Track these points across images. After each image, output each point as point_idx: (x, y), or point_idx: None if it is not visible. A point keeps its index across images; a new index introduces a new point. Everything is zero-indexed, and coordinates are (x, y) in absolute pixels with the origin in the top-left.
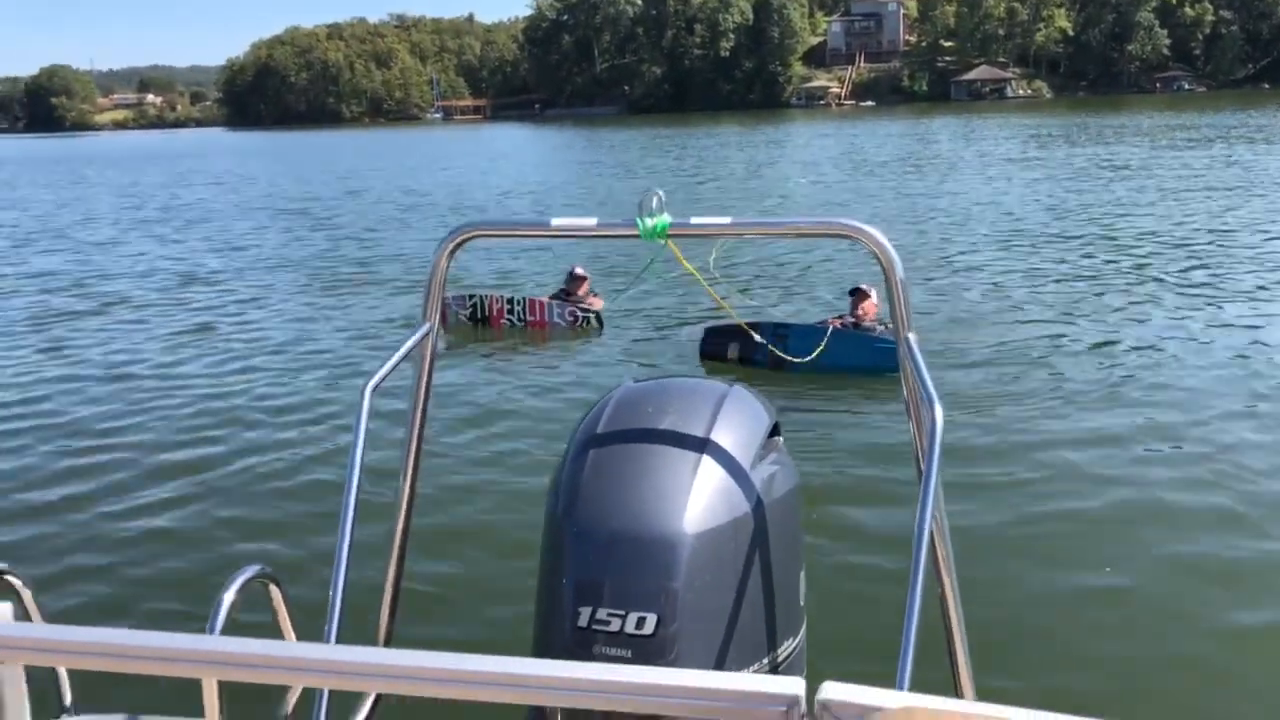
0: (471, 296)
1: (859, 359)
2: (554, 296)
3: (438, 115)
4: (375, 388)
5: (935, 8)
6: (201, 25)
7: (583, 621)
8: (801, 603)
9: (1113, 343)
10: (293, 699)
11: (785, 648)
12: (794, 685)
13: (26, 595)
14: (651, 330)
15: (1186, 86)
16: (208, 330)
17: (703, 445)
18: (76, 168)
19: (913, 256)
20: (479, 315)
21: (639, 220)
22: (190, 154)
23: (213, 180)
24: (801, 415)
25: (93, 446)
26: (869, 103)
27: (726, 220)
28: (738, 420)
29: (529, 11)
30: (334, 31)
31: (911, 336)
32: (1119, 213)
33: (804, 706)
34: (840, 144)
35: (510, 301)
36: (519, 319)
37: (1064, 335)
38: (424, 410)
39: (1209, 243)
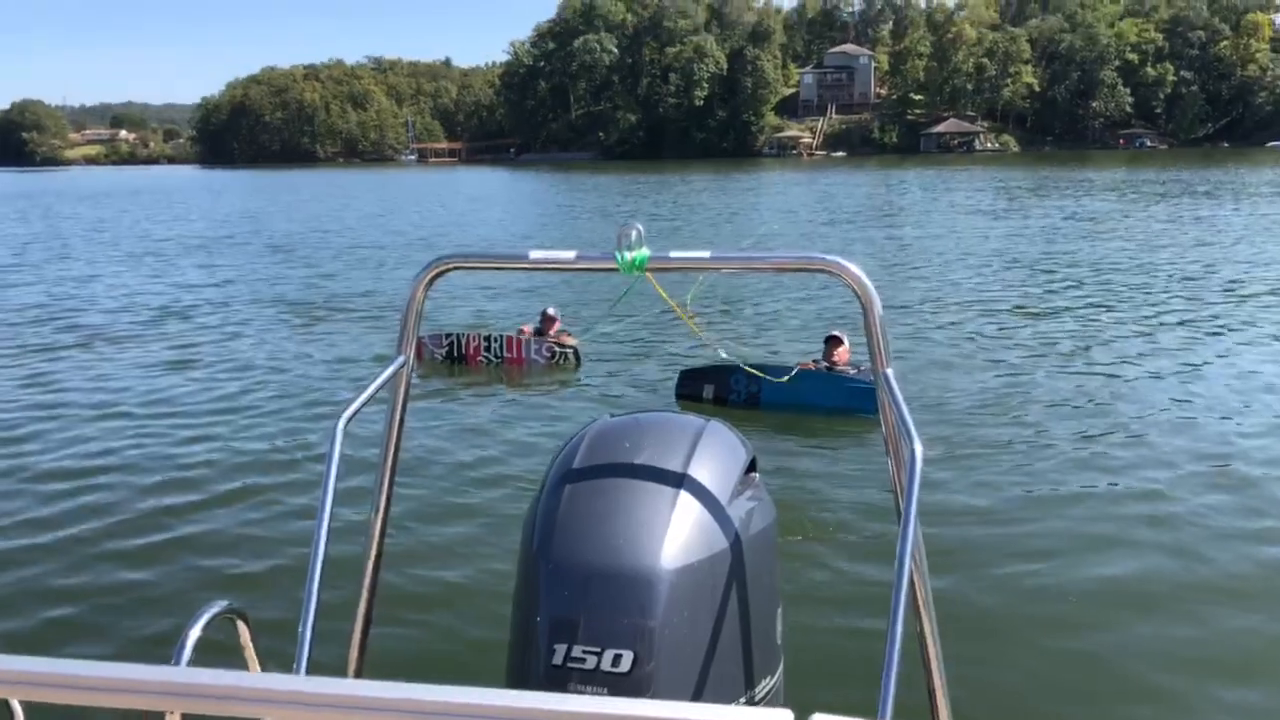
0: (449, 335)
1: (831, 399)
2: (534, 334)
3: (412, 157)
4: (349, 421)
5: (906, 62)
6: (176, 64)
7: (557, 659)
8: (779, 640)
9: (1090, 384)
10: None
11: (763, 685)
12: (783, 716)
13: None
14: (630, 366)
15: (1149, 143)
16: (180, 365)
17: (680, 481)
18: (45, 202)
19: (888, 297)
20: (455, 354)
21: (618, 254)
22: (160, 190)
23: (181, 216)
24: (777, 454)
25: (61, 478)
26: (840, 153)
27: (706, 254)
28: (715, 456)
29: (506, 57)
30: (310, 72)
31: (890, 372)
32: (1086, 261)
33: None
34: (813, 192)
35: (488, 339)
36: (496, 356)
37: (1040, 379)
38: (398, 443)
39: (1178, 291)
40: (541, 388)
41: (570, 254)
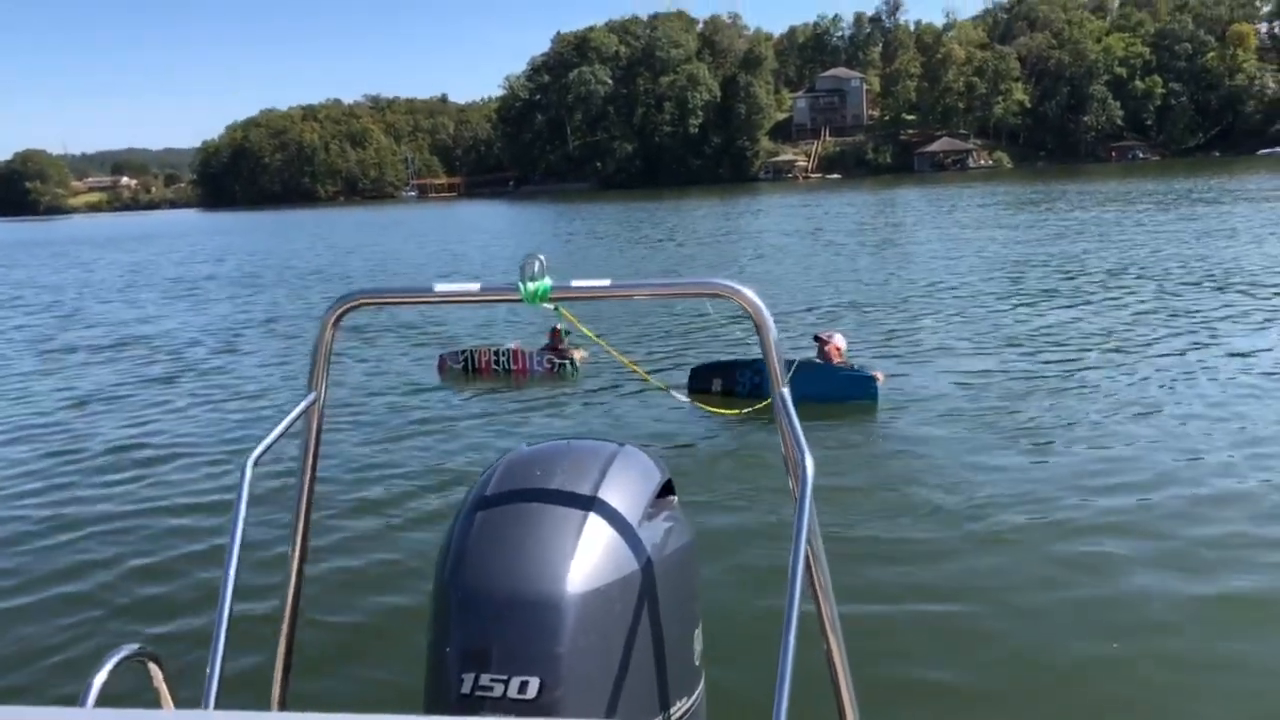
0: (464, 351)
1: (829, 388)
2: (542, 348)
3: (412, 193)
4: (258, 458)
5: (897, 83)
6: (175, 109)
7: (466, 688)
8: (697, 661)
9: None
10: None
11: (679, 706)
12: None
13: None
14: (630, 378)
15: (1141, 155)
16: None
17: (588, 505)
18: (63, 249)
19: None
20: (470, 366)
21: (521, 284)
22: (170, 234)
23: (215, 255)
24: (777, 451)
25: None
26: (835, 175)
27: (607, 282)
28: (626, 480)
29: (502, 91)
30: (309, 113)
31: (785, 391)
32: (1090, 273)
33: None
34: (813, 214)
35: (496, 353)
36: (504, 368)
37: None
38: (312, 478)
39: (1190, 298)
40: (538, 401)
41: (475, 286)
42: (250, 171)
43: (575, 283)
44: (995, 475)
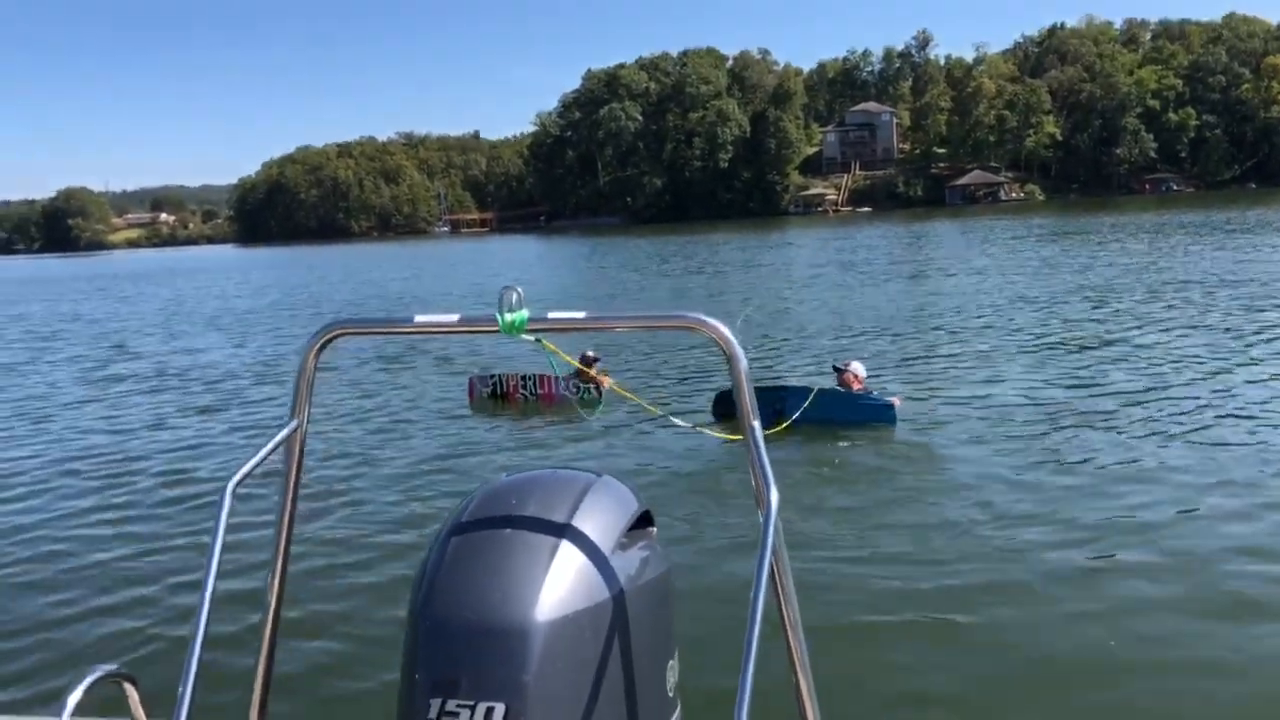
0: (492, 376)
1: (847, 414)
2: (572, 374)
3: (445, 229)
4: (238, 484)
5: (927, 116)
6: (212, 146)
7: (433, 714)
8: (670, 692)
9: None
10: None
11: None
12: None
13: None
14: (653, 404)
15: (1175, 187)
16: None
17: (561, 533)
18: (107, 283)
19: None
20: (499, 391)
21: (499, 315)
22: (209, 269)
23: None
24: (799, 473)
25: None
26: (865, 209)
27: (582, 314)
28: (600, 509)
29: (533, 128)
30: (343, 150)
31: (756, 425)
32: (1121, 303)
33: None
34: (842, 247)
35: (524, 379)
36: (532, 394)
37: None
38: (293, 506)
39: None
40: (560, 427)
41: (454, 317)
42: (286, 207)
43: (552, 314)
44: (1005, 493)
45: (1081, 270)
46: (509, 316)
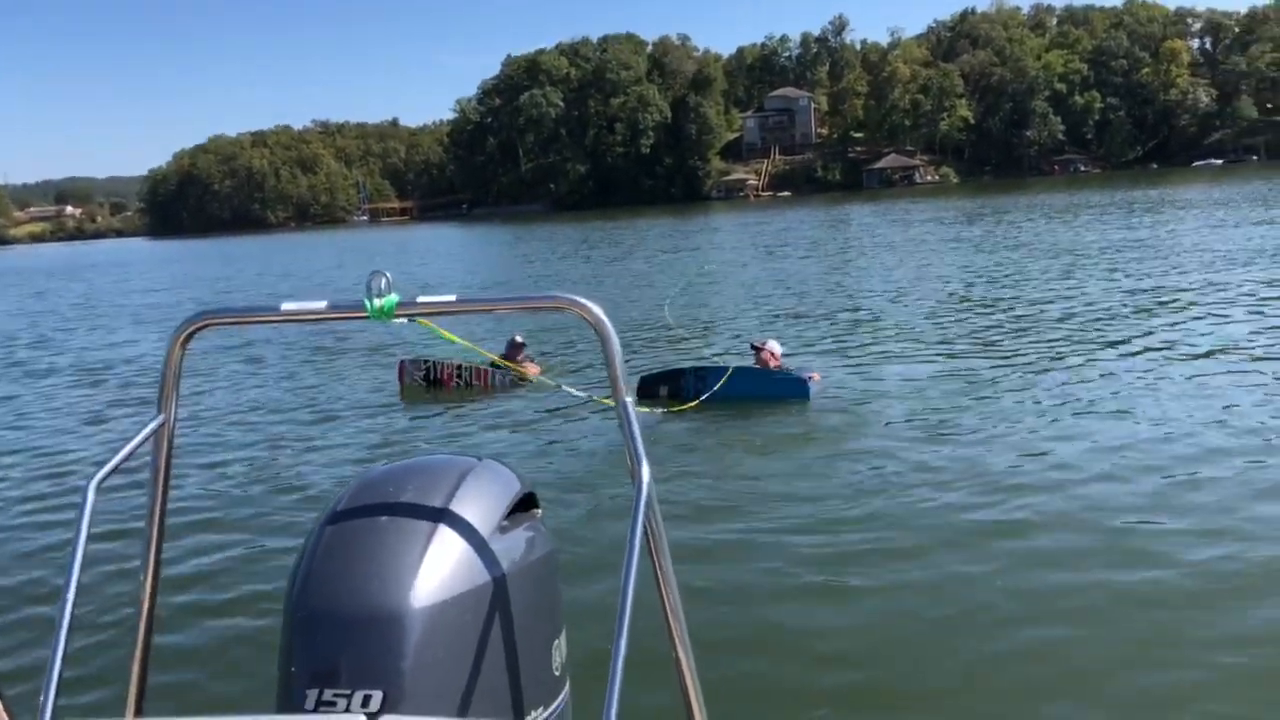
0: (426, 362)
1: (764, 390)
2: (500, 358)
3: (364, 218)
4: (102, 480)
5: (844, 101)
6: (119, 137)
7: (310, 704)
8: (557, 671)
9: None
10: None
11: (536, 715)
12: None
13: None
14: (577, 389)
15: (1082, 168)
16: None
17: (438, 518)
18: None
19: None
20: (432, 377)
21: (367, 301)
22: (115, 263)
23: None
24: (713, 445)
25: None
26: (785, 193)
27: (452, 298)
28: (479, 493)
29: (453, 115)
30: (258, 139)
31: (629, 400)
32: (1037, 282)
33: None
34: (763, 231)
35: (459, 368)
36: (466, 382)
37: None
38: (164, 502)
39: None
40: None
41: (321, 304)
42: (199, 199)
43: (421, 298)
44: (913, 462)
45: (993, 250)
46: (377, 302)
